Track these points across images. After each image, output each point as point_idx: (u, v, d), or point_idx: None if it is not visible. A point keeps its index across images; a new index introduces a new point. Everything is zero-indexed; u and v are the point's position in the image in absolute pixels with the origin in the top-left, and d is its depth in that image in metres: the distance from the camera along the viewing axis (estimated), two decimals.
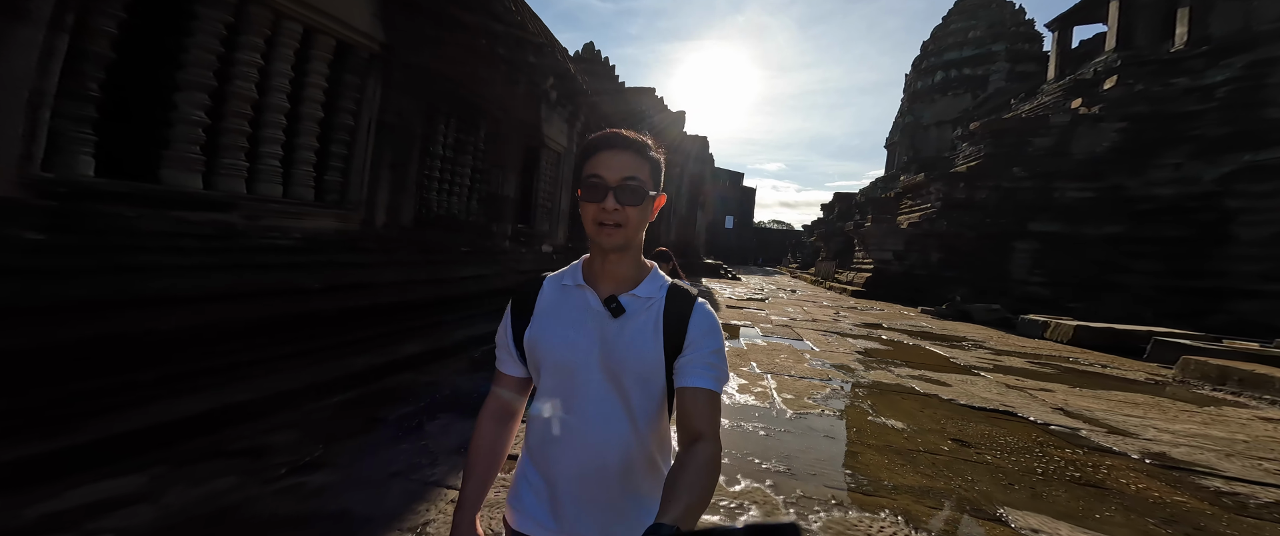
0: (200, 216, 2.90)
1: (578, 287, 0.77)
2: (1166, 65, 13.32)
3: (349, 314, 3.66)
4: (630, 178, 0.71)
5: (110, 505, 1.75)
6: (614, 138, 0.74)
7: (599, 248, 0.75)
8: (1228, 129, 11.17)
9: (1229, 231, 10.32)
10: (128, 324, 2.29)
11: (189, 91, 2.88)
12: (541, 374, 0.77)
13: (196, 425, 2.34)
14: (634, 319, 0.74)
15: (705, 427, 0.69)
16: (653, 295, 0.76)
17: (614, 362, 0.73)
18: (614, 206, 0.70)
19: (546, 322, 0.77)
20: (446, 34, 5.04)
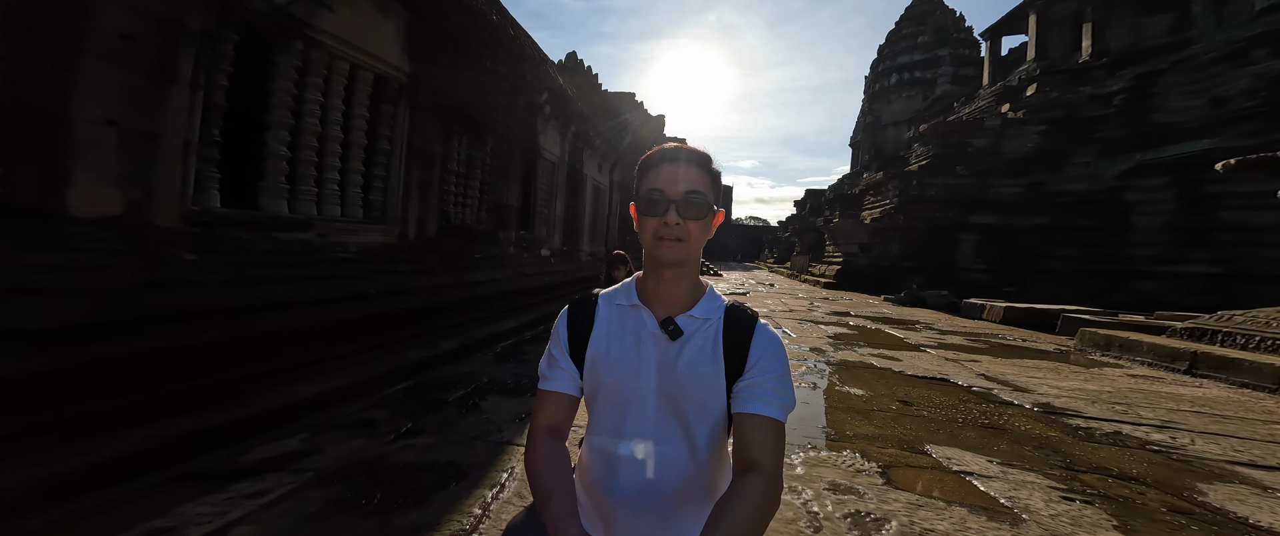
0: (289, 236, 3.45)
1: (633, 307, 0.75)
2: (1075, 74, 15.17)
3: (398, 315, 4.25)
4: (693, 191, 0.69)
5: (295, 455, 2.38)
6: (676, 151, 0.72)
7: (656, 263, 0.72)
8: (1125, 131, 12.98)
9: (1129, 221, 12.07)
10: (255, 325, 2.85)
11: (276, 129, 3.42)
12: (598, 395, 0.73)
13: (312, 404, 2.94)
14: (691, 341, 0.72)
15: (763, 458, 0.65)
16: (710, 315, 0.74)
17: (672, 387, 0.70)
18: (676, 220, 0.68)
19: (606, 341, 0.74)
20: (460, 60, 5.61)
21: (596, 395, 0.73)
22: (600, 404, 0.73)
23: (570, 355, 0.75)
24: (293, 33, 3.53)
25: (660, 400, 0.70)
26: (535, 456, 0.69)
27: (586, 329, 0.75)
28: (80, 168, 2.25)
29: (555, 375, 0.75)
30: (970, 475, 2.56)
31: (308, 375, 3.11)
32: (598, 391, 0.73)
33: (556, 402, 0.74)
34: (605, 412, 0.73)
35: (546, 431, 0.72)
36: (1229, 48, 11.68)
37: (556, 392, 0.74)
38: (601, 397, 0.73)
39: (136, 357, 2.21)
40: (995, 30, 21.28)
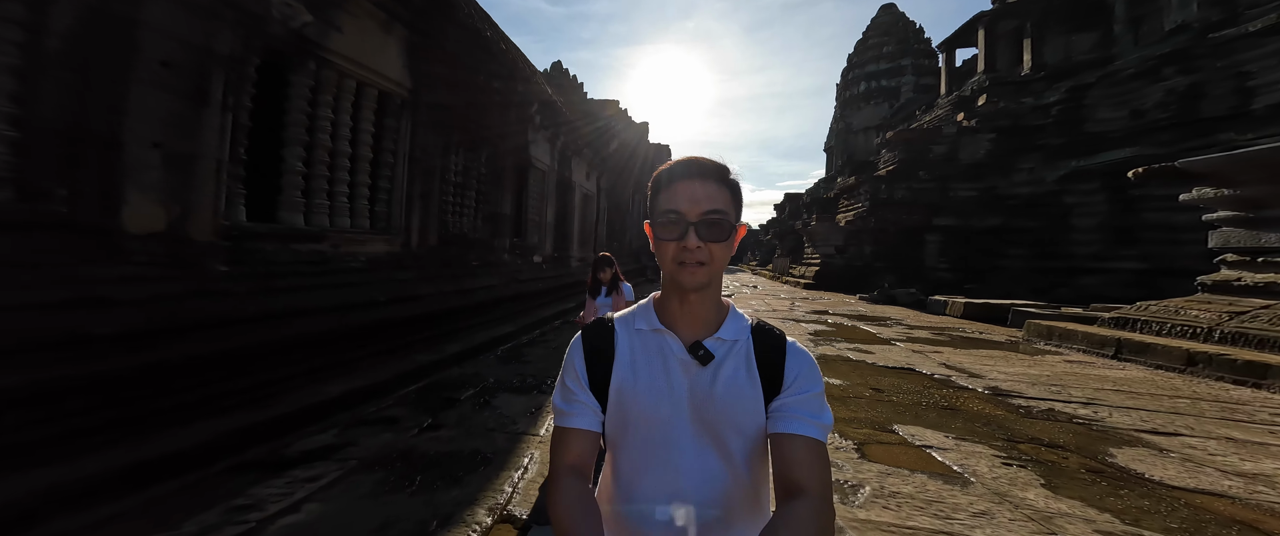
0: (305, 247, 3.64)
1: (655, 332, 0.70)
2: (1019, 86, 16.50)
3: (406, 321, 4.45)
4: (713, 211, 0.64)
5: (333, 448, 2.60)
6: (691, 165, 0.67)
7: (678, 287, 0.68)
8: (1062, 139, 14.23)
9: (1069, 222, 13.23)
10: (281, 331, 3.04)
11: (292, 145, 3.62)
12: (627, 429, 0.68)
13: (338, 403, 3.15)
14: (724, 364, 0.68)
15: (809, 481, 0.62)
16: (738, 337, 0.70)
17: (710, 414, 0.66)
18: (696, 244, 0.64)
19: (632, 371, 0.69)
20: (456, 76, 5.85)
21: (625, 429, 0.68)
22: (630, 438, 0.67)
23: (590, 387, 0.69)
24: (306, 53, 3.74)
25: (696, 428, 0.66)
26: (561, 502, 0.62)
27: (607, 358, 0.69)
28: (131, 187, 2.44)
29: (575, 410, 0.68)
30: (930, 448, 3.01)
31: (331, 377, 3.31)
32: (627, 425, 0.67)
33: (579, 441, 0.67)
34: (635, 446, 0.67)
35: (570, 472, 0.65)
36: (1144, 65, 13.04)
37: (578, 430, 0.67)
38: (631, 431, 0.67)
39: (187, 361, 2.41)
40: (949, 43, 22.75)
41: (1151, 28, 14.35)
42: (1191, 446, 3.01)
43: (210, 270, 2.83)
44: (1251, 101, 10.74)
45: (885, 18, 40.19)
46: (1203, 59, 11.62)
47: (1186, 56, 12.03)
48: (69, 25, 2.23)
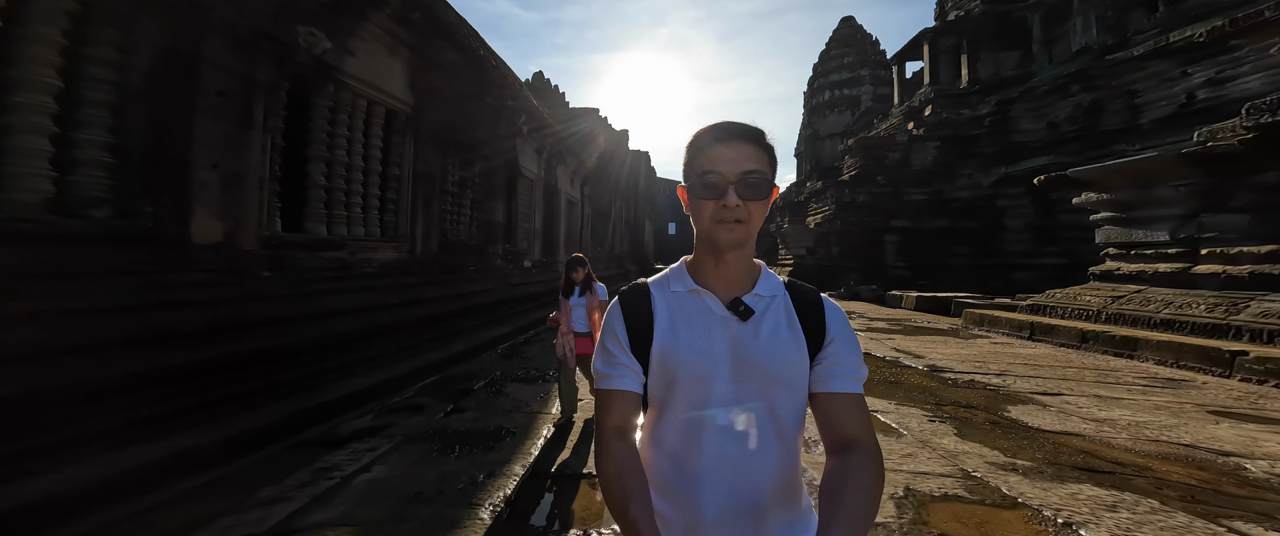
0: (329, 255, 3.99)
1: (690, 293, 0.71)
2: (958, 98, 18.26)
3: (417, 321, 4.83)
4: (752, 171, 0.65)
5: (377, 429, 3.01)
6: (730, 129, 0.67)
7: (714, 247, 0.68)
8: (994, 148, 15.92)
9: (1003, 223, 14.81)
10: (315, 330, 3.40)
11: (315, 162, 3.97)
12: (673, 388, 0.68)
13: (368, 393, 3.54)
14: (764, 320, 0.69)
15: (861, 433, 0.65)
16: (775, 293, 0.72)
17: (755, 369, 0.66)
18: (736, 202, 0.64)
19: (673, 331, 0.69)
20: (453, 92, 6.25)
21: (672, 387, 0.68)
22: (676, 396, 0.68)
23: (631, 350, 0.70)
24: (326, 77, 4.10)
25: (740, 385, 0.66)
26: (609, 462, 0.64)
27: (646, 320, 0.71)
28: (197, 204, 2.80)
29: (618, 372, 0.70)
30: (876, 412, 3.71)
31: (360, 371, 3.69)
32: (673, 384, 0.68)
33: (623, 402, 0.69)
34: (679, 405, 0.68)
35: (615, 433, 0.67)
36: (1055, 83, 14.84)
37: (622, 391, 0.69)
38: (677, 390, 0.68)
39: (251, 354, 2.78)
40: (900, 56, 24.68)
41: (1062, 48, 16.32)
42: (1067, 402, 3.86)
43: (257, 276, 3.18)
44: (1140, 116, 12.52)
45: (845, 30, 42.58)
46: (1100, 78, 13.41)
47: (1087, 76, 13.83)
48: (148, 64, 2.59)
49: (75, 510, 1.79)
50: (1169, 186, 5.29)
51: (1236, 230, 4.79)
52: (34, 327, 2.02)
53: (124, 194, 2.47)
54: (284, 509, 2.05)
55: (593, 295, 3.27)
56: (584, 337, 3.24)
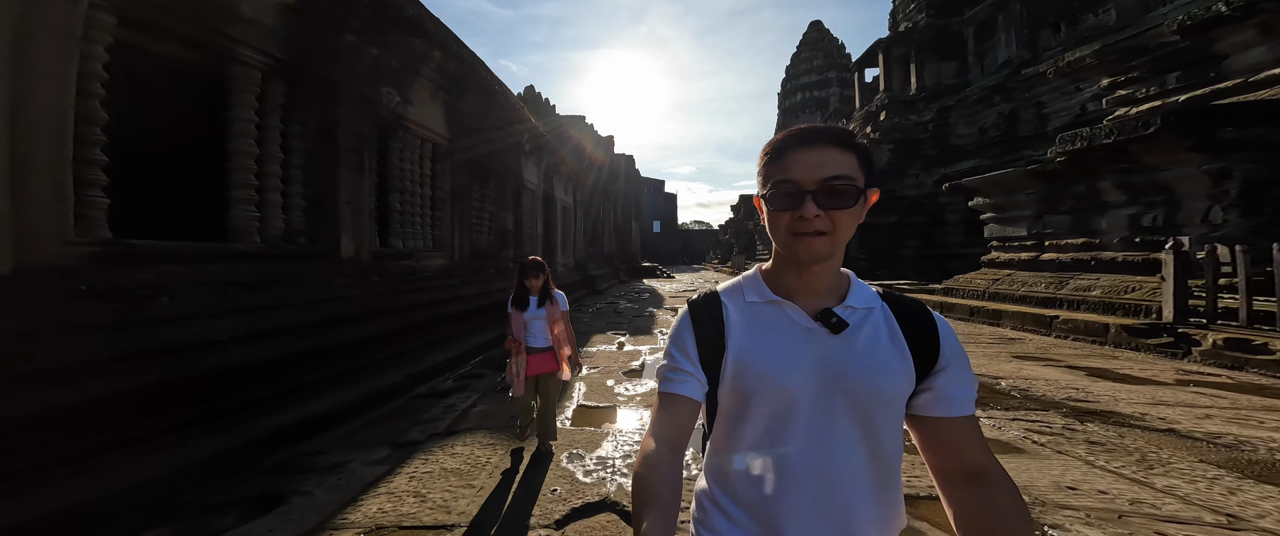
0: (405, 263, 5.24)
1: (769, 304, 0.66)
2: (907, 104, 20.48)
3: (460, 314, 6.11)
4: (837, 177, 0.59)
5: (459, 388, 4.33)
6: (810, 133, 0.62)
7: (794, 260, 0.63)
8: (936, 151, 18.15)
9: (944, 219, 17.02)
10: (406, 319, 4.66)
11: (393, 192, 5.20)
12: (752, 401, 0.63)
13: (445, 366, 4.84)
14: (859, 333, 0.63)
15: (989, 458, 0.61)
16: (871, 305, 0.66)
17: (851, 386, 0.61)
18: (816, 212, 0.59)
19: (752, 342, 0.64)
20: (476, 124, 7.50)
21: (749, 403, 0.63)
22: (754, 413, 0.62)
23: (699, 359, 0.65)
24: (398, 124, 5.33)
25: (829, 400, 0.60)
26: (646, 468, 0.60)
27: (718, 328, 0.66)
28: (342, 231, 4.05)
29: (679, 377, 0.65)
30: None
31: (435, 349, 4.98)
32: (752, 397, 0.62)
33: (680, 407, 0.64)
34: (758, 421, 0.62)
35: (666, 440, 0.63)
36: (981, 93, 17.12)
37: (681, 396, 0.64)
38: (756, 404, 0.62)
39: (381, 334, 4.06)
40: (860, 63, 26.88)
41: (991, 61, 18.67)
42: None
43: (371, 279, 4.43)
44: (1047, 124, 14.83)
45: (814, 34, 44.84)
46: (1016, 90, 15.69)
47: (1006, 88, 16.12)
48: (314, 133, 3.83)
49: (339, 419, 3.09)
50: (1024, 194, 7.11)
51: (1064, 227, 6.62)
52: (280, 313, 3.28)
53: (310, 226, 3.72)
54: (444, 422, 3.38)
55: (553, 305, 2.73)
56: (544, 354, 2.73)
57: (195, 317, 2.66)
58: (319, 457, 2.71)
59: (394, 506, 2.18)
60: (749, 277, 0.70)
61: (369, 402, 3.51)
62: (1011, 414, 3.23)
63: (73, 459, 1.93)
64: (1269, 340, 3.81)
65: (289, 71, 3.63)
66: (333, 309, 3.72)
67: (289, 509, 2.15)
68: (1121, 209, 5.77)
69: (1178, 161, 4.96)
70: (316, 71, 3.89)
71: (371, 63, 4.65)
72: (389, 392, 3.77)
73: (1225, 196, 4.72)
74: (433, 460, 2.72)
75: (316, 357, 3.34)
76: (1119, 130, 5.27)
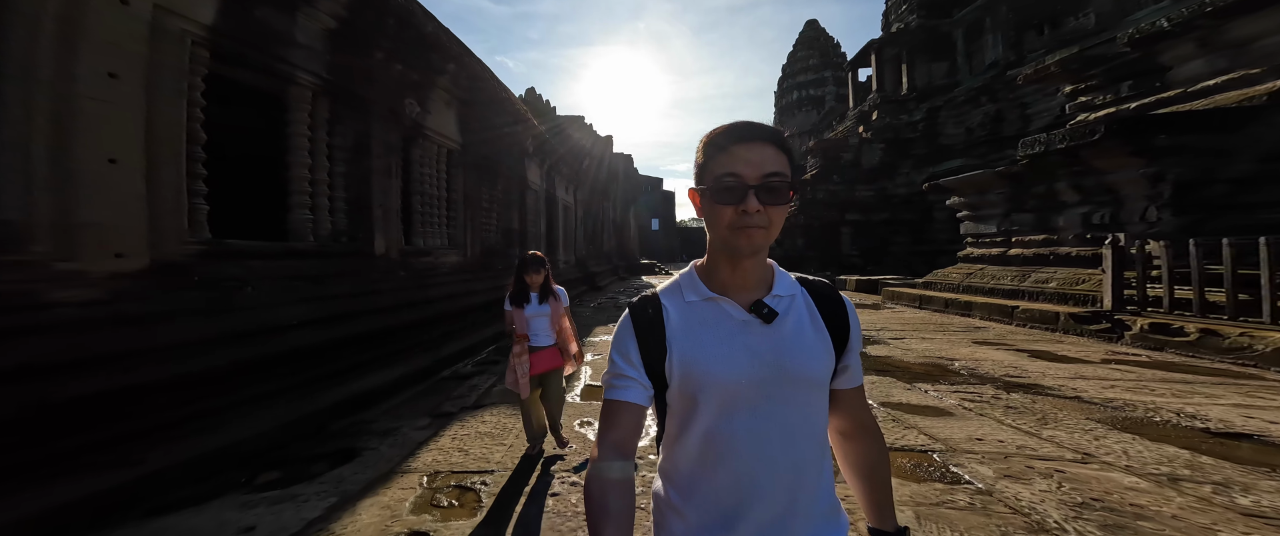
0: (426, 260, 5.77)
1: (707, 301, 0.68)
2: (898, 104, 21.00)
3: (473, 307, 6.65)
4: (774, 174, 0.62)
5: (479, 372, 4.89)
6: (749, 129, 0.64)
7: (733, 254, 0.65)
8: (925, 149, 18.71)
9: (932, 215, 17.61)
10: (429, 310, 5.20)
11: (415, 195, 5.73)
12: (698, 402, 0.65)
13: (463, 352, 5.39)
14: (788, 320, 0.67)
15: (870, 418, 0.74)
16: (794, 292, 0.70)
17: (785, 372, 0.64)
18: (757, 207, 0.61)
19: (694, 342, 0.66)
20: (485, 129, 8.00)
21: (696, 399, 0.65)
22: (702, 408, 0.65)
23: (643, 364, 0.67)
24: (418, 132, 5.84)
25: (768, 390, 0.64)
26: (598, 484, 0.63)
27: (659, 332, 0.68)
28: (376, 231, 4.59)
29: (623, 385, 0.67)
30: None
31: (453, 338, 5.53)
32: (698, 395, 0.65)
33: (627, 414, 0.67)
34: (705, 417, 0.65)
35: (612, 449, 0.65)
36: (969, 94, 17.66)
37: (627, 403, 0.67)
38: (702, 401, 0.65)
39: (411, 322, 4.61)
40: (853, 63, 27.33)
41: (979, 62, 19.20)
42: (902, 342, 6.08)
43: (398, 275, 4.97)
44: (1030, 125, 15.38)
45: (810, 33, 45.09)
46: (1001, 91, 16.24)
47: (991, 89, 16.66)
48: (352, 144, 4.36)
49: (384, 395, 3.64)
50: (994, 193, 7.68)
51: (1027, 225, 7.20)
52: (332, 303, 3.83)
53: (351, 226, 4.26)
54: (471, 398, 3.93)
55: (557, 301, 2.72)
56: (548, 351, 2.71)
57: (270, 306, 3.20)
58: (374, 424, 3.26)
59: (444, 458, 2.74)
60: (685, 276, 0.72)
61: (406, 382, 4.06)
62: (954, 388, 3.81)
63: (197, 416, 2.48)
64: (1185, 324, 4.38)
65: (332, 90, 4.14)
66: (370, 300, 4.27)
67: (364, 460, 2.70)
68: (1075, 208, 6.35)
69: (1120, 166, 5.52)
70: (353, 89, 4.40)
71: (396, 77, 5.16)
72: (420, 375, 4.32)
73: (1160, 197, 5.29)
74: (468, 426, 3.27)
75: (362, 342, 3.89)
76: (1071, 137, 5.83)
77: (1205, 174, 5.04)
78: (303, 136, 3.80)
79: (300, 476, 2.46)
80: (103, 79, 2.29)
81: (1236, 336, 3.95)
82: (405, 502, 2.20)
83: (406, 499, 2.23)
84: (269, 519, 2.01)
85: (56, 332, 2.03)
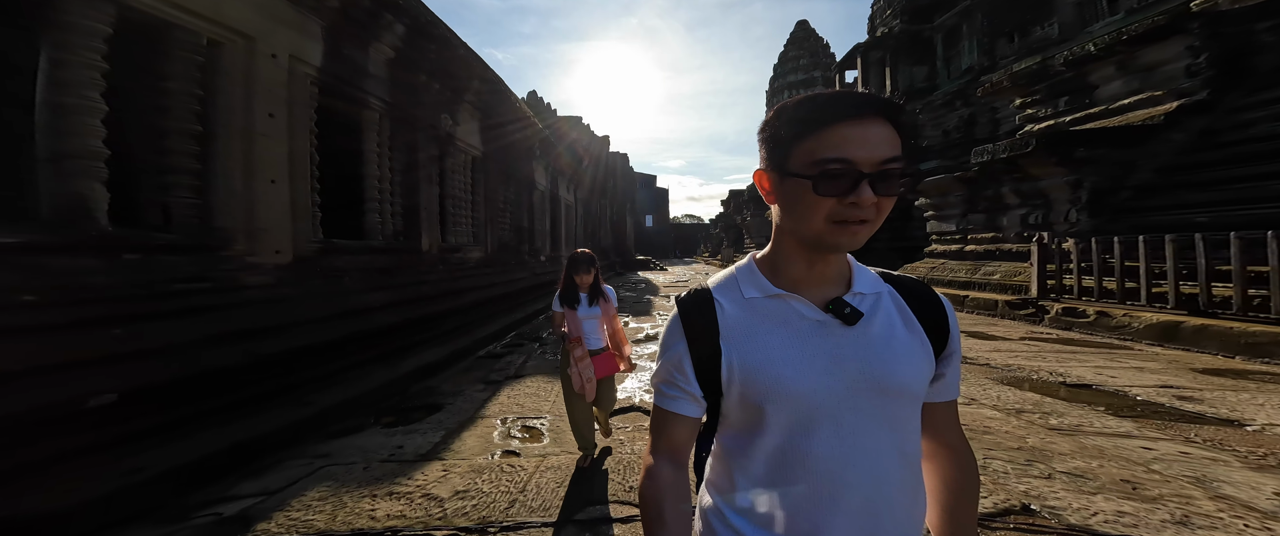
0: (456, 256, 6.60)
1: (771, 298, 0.60)
2: None
3: (493, 298, 7.51)
4: (891, 159, 0.52)
5: (508, 351, 5.76)
6: (858, 101, 0.52)
7: (820, 248, 0.56)
8: None
9: (911, 215, 18.79)
10: (460, 300, 6.05)
11: (447, 198, 6.54)
12: (767, 413, 0.57)
13: (492, 336, 6.25)
14: (875, 320, 0.59)
15: (963, 441, 0.64)
16: (879, 290, 0.62)
17: (872, 382, 0.56)
18: (872, 200, 0.51)
19: (758, 345, 0.58)
20: (502, 138, 8.79)
21: (765, 409, 0.57)
22: (770, 421, 0.57)
23: (695, 372, 0.60)
24: (450, 143, 6.64)
25: (853, 401, 0.56)
26: (653, 489, 0.60)
27: (713, 334, 0.59)
28: (422, 230, 5.42)
29: (674, 394, 0.61)
30: None
31: (482, 324, 6.39)
32: (766, 405, 0.57)
33: (679, 427, 0.61)
34: (776, 432, 0.57)
35: (668, 457, 0.61)
36: (945, 98, 18.79)
37: (679, 416, 0.61)
38: (772, 413, 0.57)
39: (445, 311, 5.46)
40: (841, 65, 28.34)
41: (956, 67, 20.32)
42: None
43: (439, 269, 5.81)
44: (1000, 128, 16.54)
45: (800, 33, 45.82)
46: (974, 96, 17.37)
47: (965, 94, 17.78)
48: (403, 155, 5.17)
49: (440, 368, 4.51)
50: (953, 195, 8.71)
51: (980, 224, 8.23)
52: (397, 291, 4.67)
53: (405, 227, 5.10)
54: (510, 370, 4.79)
55: (607, 303, 2.63)
56: (604, 355, 2.61)
57: (360, 292, 4.04)
58: (442, 387, 4.12)
59: (506, 409, 3.61)
60: (743, 269, 0.64)
61: (454, 359, 4.93)
62: None
63: (333, 374, 3.33)
64: (1087, 308, 5.42)
65: (391, 111, 4.95)
66: (420, 290, 5.12)
67: (448, 410, 3.57)
68: (1016, 210, 7.37)
69: (1050, 173, 6.53)
70: (406, 108, 5.21)
71: (435, 95, 5.96)
72: (462, 353, 5.19)
73: (1079, 201, 6.31)
74: (516, 389, 4.15)
75: (418, 324, 4.74)
76: (1011, 148, 6.83)
77: (1115, 182, 6.06)
78: (373, 152, 4.62)
79: (409, 420, 3.34)
80: (266, 119, 3.11)
81: (1120, 317, 4.98)
82: (491, 433, 3.09)
83: (491, 432, 3.12)
84: (408, 442, 2.89)
85: (250, 308, 2.86)
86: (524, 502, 2.19)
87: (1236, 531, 1.73)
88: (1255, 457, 2.34)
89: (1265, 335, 3.87)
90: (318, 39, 3.81)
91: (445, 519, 2.05)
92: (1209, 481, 2.11)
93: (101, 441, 1.98)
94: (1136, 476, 2.17)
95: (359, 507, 2.13)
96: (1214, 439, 2.58)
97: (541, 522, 2.01)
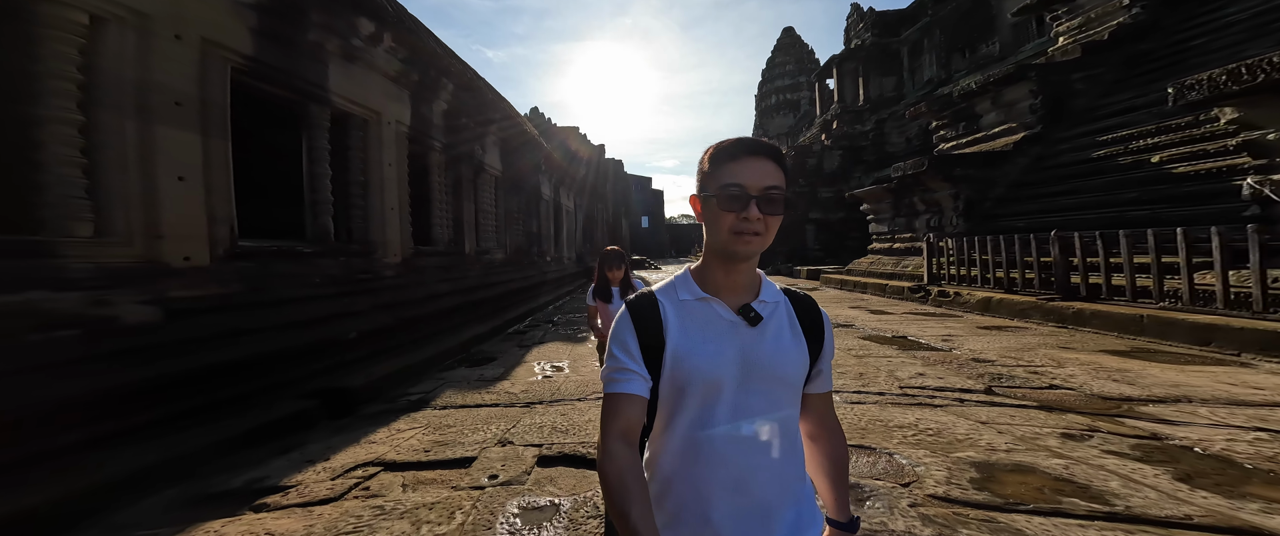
0: (485, 257, 8.56)
1: (699, 301, 0.75)
2: (855, 115, 24.05)
3: (514, 290, 9.48)
4: (773, 187, 0.70)
5: (531, 330, 7.72)
6: (755, 145, 0.72)
7: (730, 257, 0.73)
8: (875, 156, 21.83)
9: None
10: (492, 291, 7.98)
11: (480, 211, 8.50)
12: (684, 396, 0.72)
13: (515, 319, 8.21)
14: (769, 324, 0.75)
15: (837, 423, 0.83)
16: (778, 299, 0.78)
17: (764, 372, 0.72)
18: (758, 216, 0.69)
19: (686, 337, 0.73)
20: (516, 158, 10.75)
21: (683, 393, 0.72)
22: (687, 402, 0.72)
23: (643, 353, 0.73)
24: (481, 168, 8.58)
25: (749, 387, 0.72)
26: (612, 465, 0.67)
27: (656, 328, 0.74)
28: (465, 238, 7.40)
29: (623, 377, 0.72)
30: None
31: (505, 310, 8.34)
32: (685, 389, 0.72)
33: (630, 406, 0.71)
34: (690, 409, 0.72)
35: (619, 437, 0.70)
36: (908, 107, 20.81)
37: (631, 395, 0.72)
38: (688, 396, 0.72)
39: (485, 298, 7.42)
40: (820, 74, 30.22)
41: (920, 78, 22.31)
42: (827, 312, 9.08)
43: (475, 267, 7.76)
44: None
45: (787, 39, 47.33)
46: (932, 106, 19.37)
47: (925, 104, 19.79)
48: (452, 180, 7.14)
49: (484, 339, 6.48)
50: (884, 202, 10.73)
51: (902, 226, 10.23)
52: (453, 283, 6.63)
53: (454, 235, 7.07)
54: (535, 340, 6.73)
55: None
56: None
57: (433, 282, 5.99)
58: (489, 349, 6.07)
59: (539, 358, 5.53)
60: (680, 277, 0.79)
61: (493, 333, 6.88)
62: None
63: (426, 335, 5.30)
64: (949, 290, 7.42)
65: (446, 149, 6.88)
66: (466, 282, 7.07)
67: (499, 362, 5.47)
68: (923, 215, 9.35)
69: (940, 187, 8.49)
70: (455, 147, 7.13)
71: (471, 132, 7.90)
72: (498, 330, 7.15)
73: (959, 209, 8.30)
74: (543, 349, 6.09)
75: (466, 308, 6.70)
76: (915, 166, 8.83)
77: (981, 194, 8.05)
78: (436, 182, 6.58)
79: (479, 362, 5.28)
80: (389, 168, 5.12)
81: (965, 295, 6.98)
82: (533, 368, 5.03)
83: (533, 367, 5.06)
84: (484, 373, 4.81)
85: (387, 290, 4.82)
86: (559, 394, 4.16)
87: (879, 384, 3.73)
88: (931, 361, 4.35)
89: (1029, 304, 5.89)
90: (407, 104, 5.77)
91: (516, 400, 4.02)
92: (896, 370, 4.11)
93: (355, 360, 3.95)
94: (868, 371, 4.18)
95: (473, 397, 4.08)
96: (928, 357, 4.58)
97: (574, 398, 3.98)
